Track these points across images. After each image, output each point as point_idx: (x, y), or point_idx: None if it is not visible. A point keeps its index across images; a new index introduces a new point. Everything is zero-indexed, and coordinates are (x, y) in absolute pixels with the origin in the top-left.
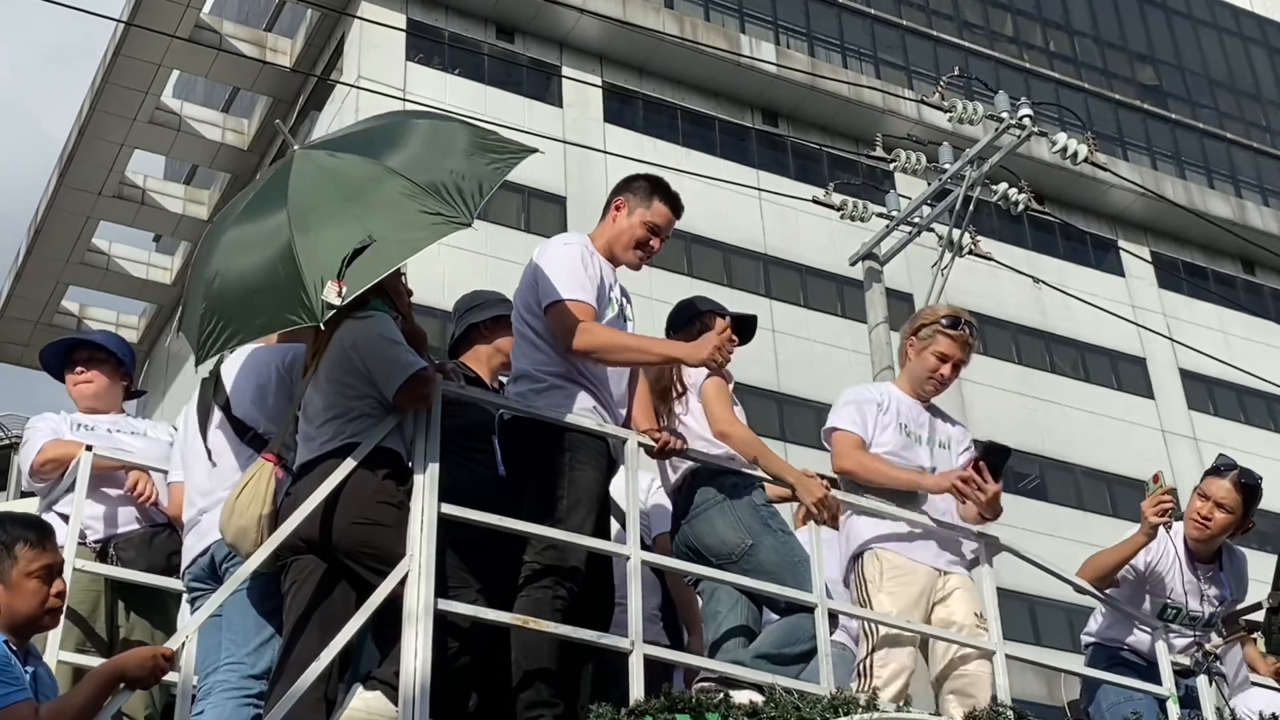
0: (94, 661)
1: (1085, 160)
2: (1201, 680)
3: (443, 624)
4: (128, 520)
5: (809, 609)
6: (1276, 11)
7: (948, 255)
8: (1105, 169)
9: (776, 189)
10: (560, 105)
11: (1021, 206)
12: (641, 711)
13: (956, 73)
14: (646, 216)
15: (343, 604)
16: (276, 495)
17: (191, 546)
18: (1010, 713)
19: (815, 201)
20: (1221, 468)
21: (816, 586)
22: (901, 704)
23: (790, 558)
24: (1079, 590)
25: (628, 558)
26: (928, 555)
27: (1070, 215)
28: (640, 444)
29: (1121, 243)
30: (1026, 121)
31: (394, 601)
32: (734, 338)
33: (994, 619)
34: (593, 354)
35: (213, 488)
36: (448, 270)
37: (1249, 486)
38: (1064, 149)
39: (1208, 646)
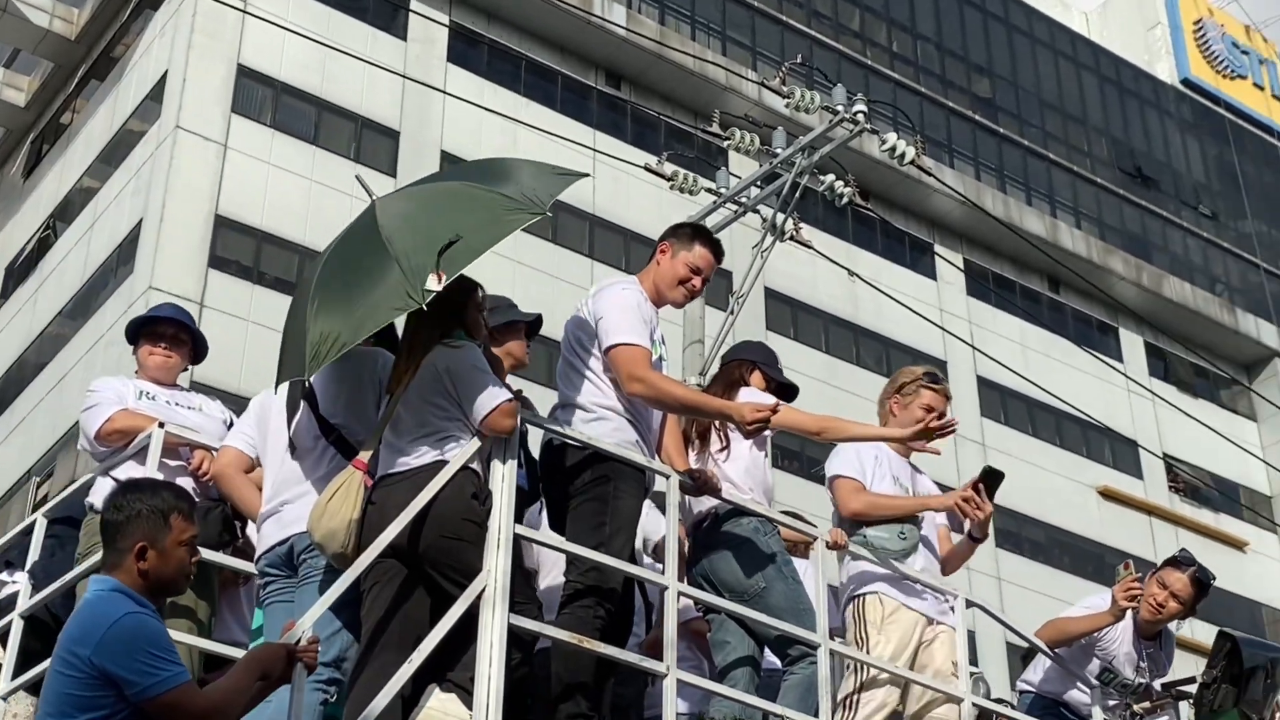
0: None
1: (912, 162)
2: None
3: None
4: None
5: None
6: (1111, 40)
7: (769, 238)
8: (930, 173)
9: (611, 151)
10: (405, 39)
11: (846, 200)
12: None
13: (800, 60)
14: (689, 259)
15: (420, 608)
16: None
17: (270, 534)
18: None
19: (647, 169)
20: (1182, 562)
21: (821, 629)
22: None
23: (797, 605)
24: (1035, 648)
25: (665, 587)
26: (921, 604)
27: (892, 214)
28: (680, 481)
29: (937, 247)
30: (860, 117)
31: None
32: (775, 408)
33: (964, 668)
34: (654, 400)
35: (295, 480)
36: (272, 193)
37: (1202, 584)
38: (893, 149)
39: (1136, 708)
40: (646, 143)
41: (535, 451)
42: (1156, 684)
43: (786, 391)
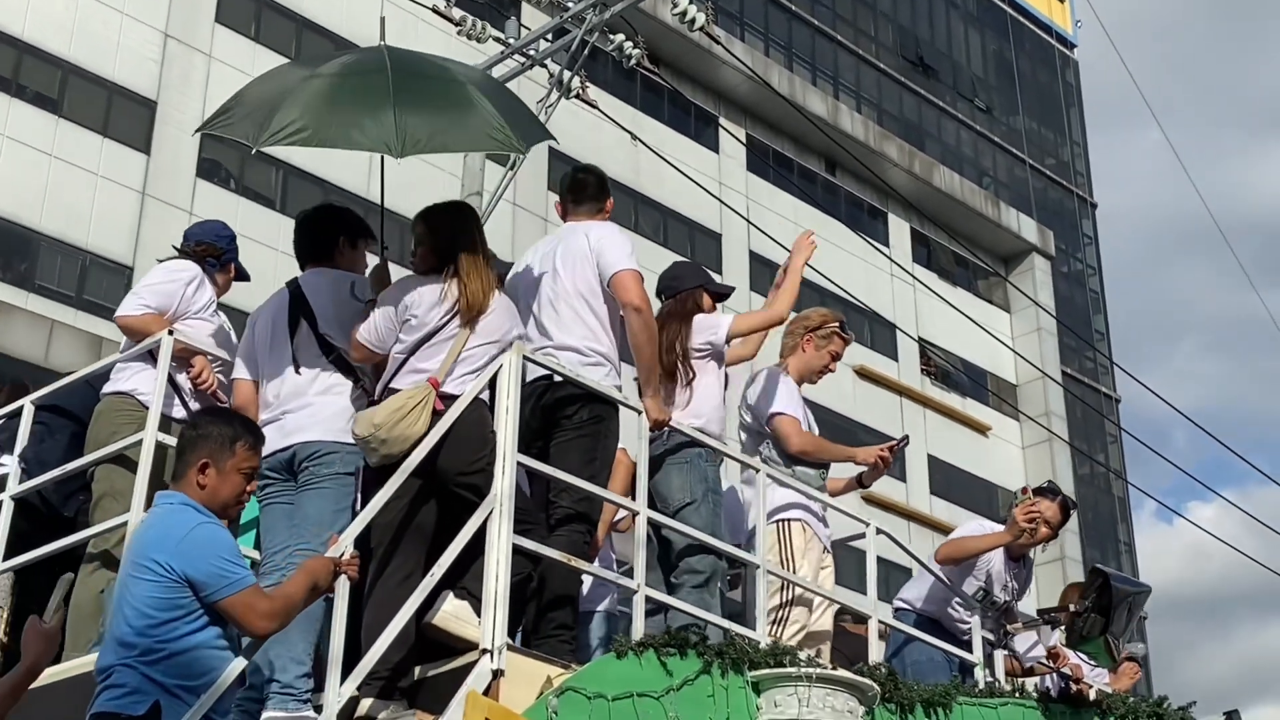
0: None
1: (701, 29)
2: (999, 653)
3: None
4: (178, 403)
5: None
6: None
7: (555, 94)
8: (719, 42)
9: None
10: None
11: (634, 60)
12: (646, 645)
13: None
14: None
15: (429, 519)
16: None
17: (272, 440)
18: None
19: (435, 11)
20: (1050, 491)
21: (760, 551)
22: (813, 655)
23: (713, 532)
24: (928, 571)
25: (638, 512)
26: (825, 534)
27: (680, 84)
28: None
29: (722, 120)
30: None
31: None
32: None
33: (873, 586)
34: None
35: (298, 391)
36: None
37: (1067, 510)
38: (683, 13)
39: (1009, 628)
40: None
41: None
42: (1017, 604)
43: (724, 297)
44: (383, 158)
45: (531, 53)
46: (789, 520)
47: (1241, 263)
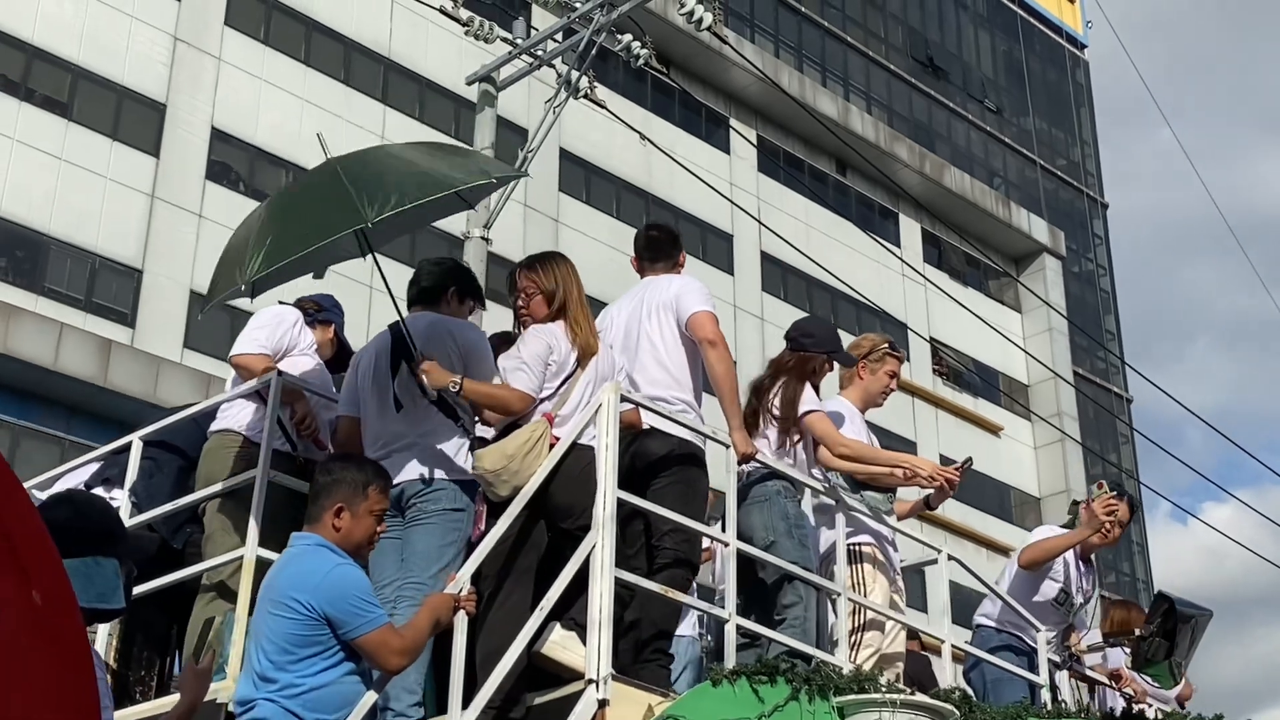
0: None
1: (709, 28)
2: (1063, 675)
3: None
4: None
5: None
6: None
7: (563, 95)
8: (728, 43)
9: None
10: None
11: (642, 60)
12: (738, 673)
13: None
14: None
15: (539, 551)
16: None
17: None
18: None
19: (442, 11)
20: (1121, 493)
21: (839, 578)
22: (894, 680)
23: (802, 565)
24: (999, 597)
25: (727, 543)
26: (895, 557)
27: (690, 85)
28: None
29: (733, 121)
30: None
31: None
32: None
33: (945, 615)
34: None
35: (402, 433)
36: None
37: (1133, 511)
38: (690, 12)
39: (1074, 649)
40: None
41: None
42: (1091, 606)
43: (845, 358)
44: (374, 260)
45: (539, 53)
46: (860, 546)
47: (1253, 262)
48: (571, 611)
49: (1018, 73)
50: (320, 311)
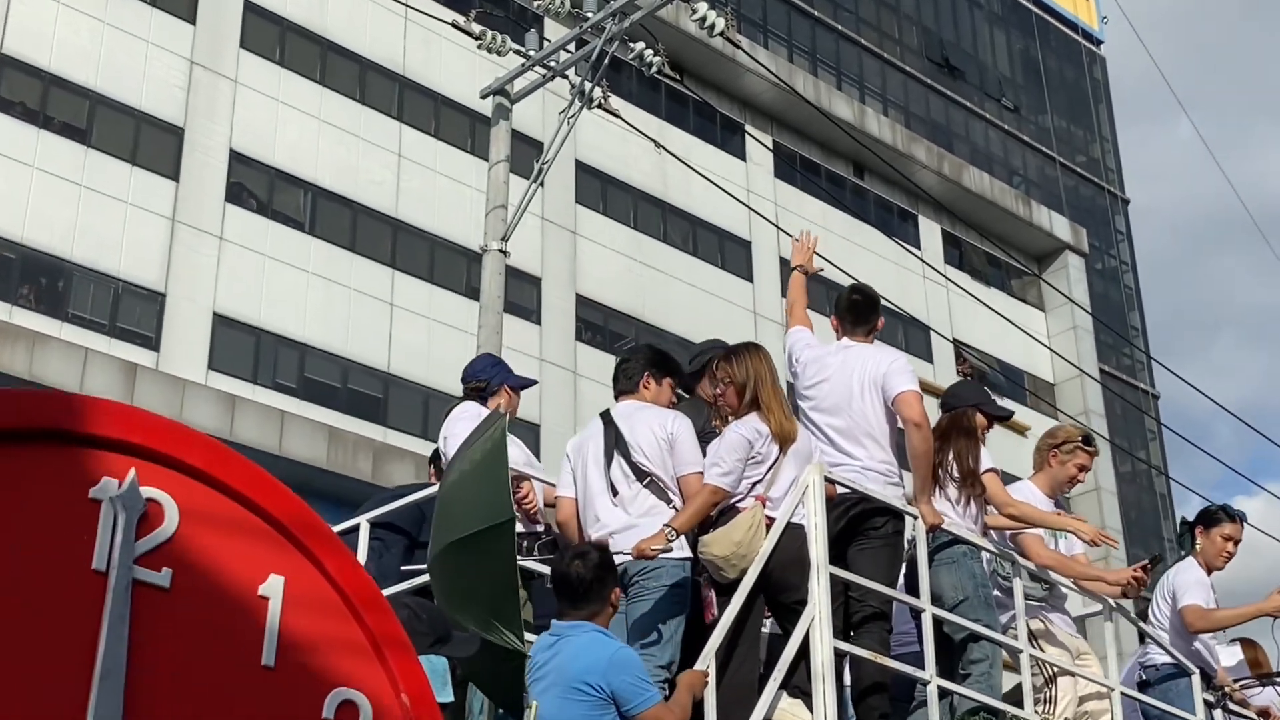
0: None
1: (721, 34)
2: (1218, 713)
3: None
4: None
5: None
6: None
7: (577, 105)
8: (741, 48)
9: (421, 7)
10: None
11: (655, 69)
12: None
13: None
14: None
15: (759, 627)
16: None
17: None
18: None
19: (455, 26)
20: (1235, 515)
21: (1021, 637)
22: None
23: (991, 620)
24: (1154, 640)
25: (923, 609)
26: (1062, 619)
27: (704, 93)
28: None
29: (748, 128)
30: None
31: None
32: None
33: (1114, 663)
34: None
35: (619, 516)
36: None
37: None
38: (703, 19)
39: (1227, 689)
40: (458, 2)
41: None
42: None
43: (1004, 421)
44: None
45: (553, 64)
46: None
47: (1277, 254)
48: (795, 680)
49: (1034, 70)
50: (486, 388)
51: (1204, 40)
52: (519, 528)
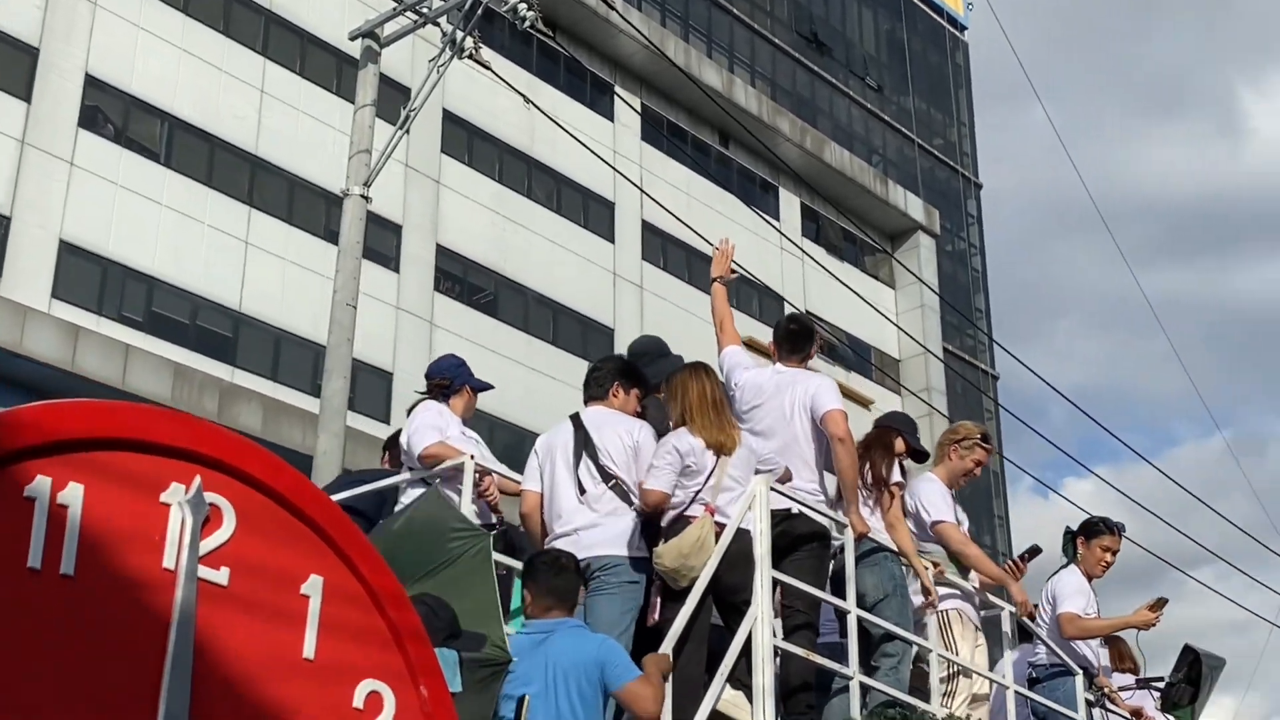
0: None
1: None
2: (1098, 711)
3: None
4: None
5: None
6: None
7: (447, 53)
8: (615, 9)
9: None
10: None
11: (528, 23)
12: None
13: None
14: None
15: (707, 625)
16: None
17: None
18: None
19: None
20: (1115, 528)
21: (931, 637)
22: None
23: (904, 622)
24: (1042, 641)
25: (849, 612)
26: (974, 616)
27: (576, 50)
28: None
29: (618, 89)
30: None
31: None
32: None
33: (1009, 664)
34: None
35: (585, 514)
36: None
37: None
38: None
39: (1106, 690)
40: None
41: None
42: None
43: (919, 456)
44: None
45: (424, 10)
46: (949, 610)
47: (1121, 245)
48: (737, 673)
49: (899, 52)
50: (450, 386)
51: (1068, 32)
52: (475, 520)
